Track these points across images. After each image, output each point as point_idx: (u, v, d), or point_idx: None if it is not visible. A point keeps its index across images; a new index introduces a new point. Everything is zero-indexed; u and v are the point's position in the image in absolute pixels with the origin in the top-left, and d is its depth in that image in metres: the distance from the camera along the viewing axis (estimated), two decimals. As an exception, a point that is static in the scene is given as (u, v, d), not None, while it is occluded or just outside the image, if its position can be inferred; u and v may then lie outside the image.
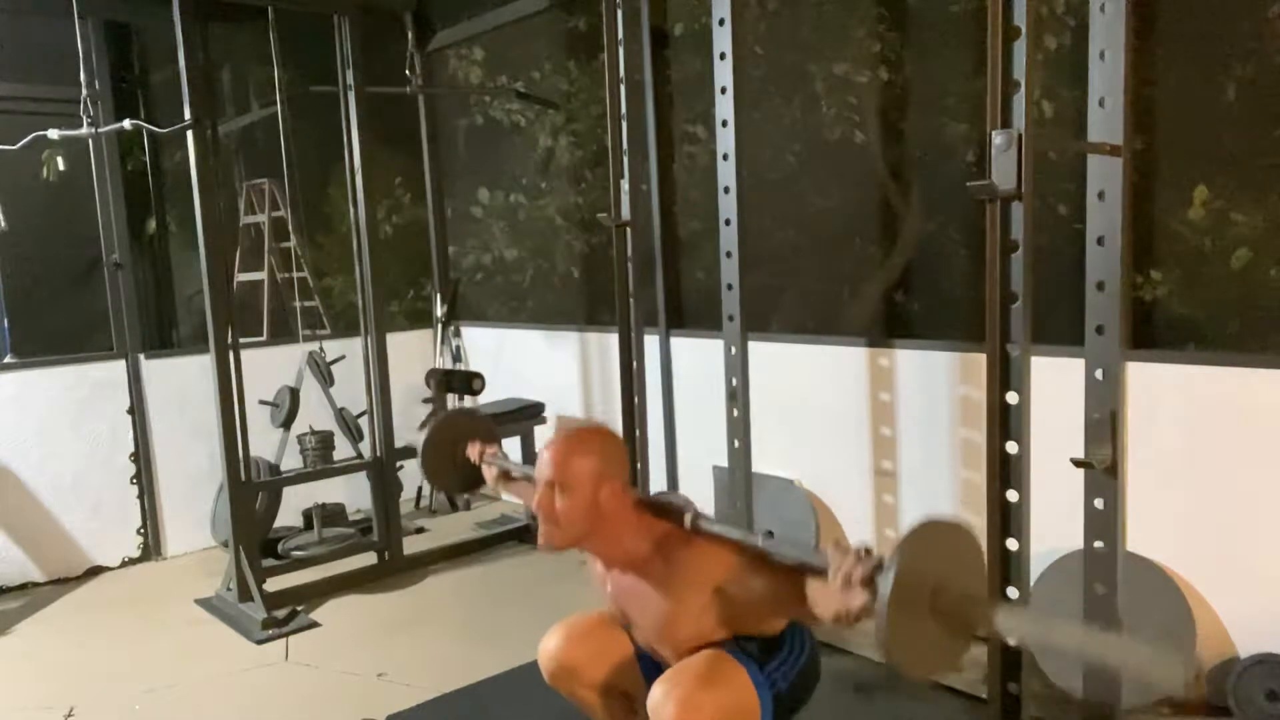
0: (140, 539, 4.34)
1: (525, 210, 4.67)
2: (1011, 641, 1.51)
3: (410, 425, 4.29)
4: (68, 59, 3.40)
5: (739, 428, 3.08)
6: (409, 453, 4.04)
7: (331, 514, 4.20)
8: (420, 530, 4.58)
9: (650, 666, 2.04)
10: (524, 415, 4.45)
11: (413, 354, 5.07)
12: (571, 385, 4.54)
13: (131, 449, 4.29)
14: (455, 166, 5.06)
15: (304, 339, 4.23)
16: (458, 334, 5.13)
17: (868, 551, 1.55)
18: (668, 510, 1.96)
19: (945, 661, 1.57)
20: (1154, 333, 2.58)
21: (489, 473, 2.59)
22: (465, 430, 2.67)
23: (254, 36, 4.13)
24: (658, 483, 3.83)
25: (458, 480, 2.70)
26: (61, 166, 3.44)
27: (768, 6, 3.40)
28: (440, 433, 2.65)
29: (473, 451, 2.60)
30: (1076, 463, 2.13)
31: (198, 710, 2.91)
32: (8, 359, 4.22)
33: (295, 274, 4.63)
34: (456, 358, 5.11)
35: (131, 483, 4.31)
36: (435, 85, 4.99)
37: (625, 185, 3.55)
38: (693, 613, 1.89)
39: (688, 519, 1.92)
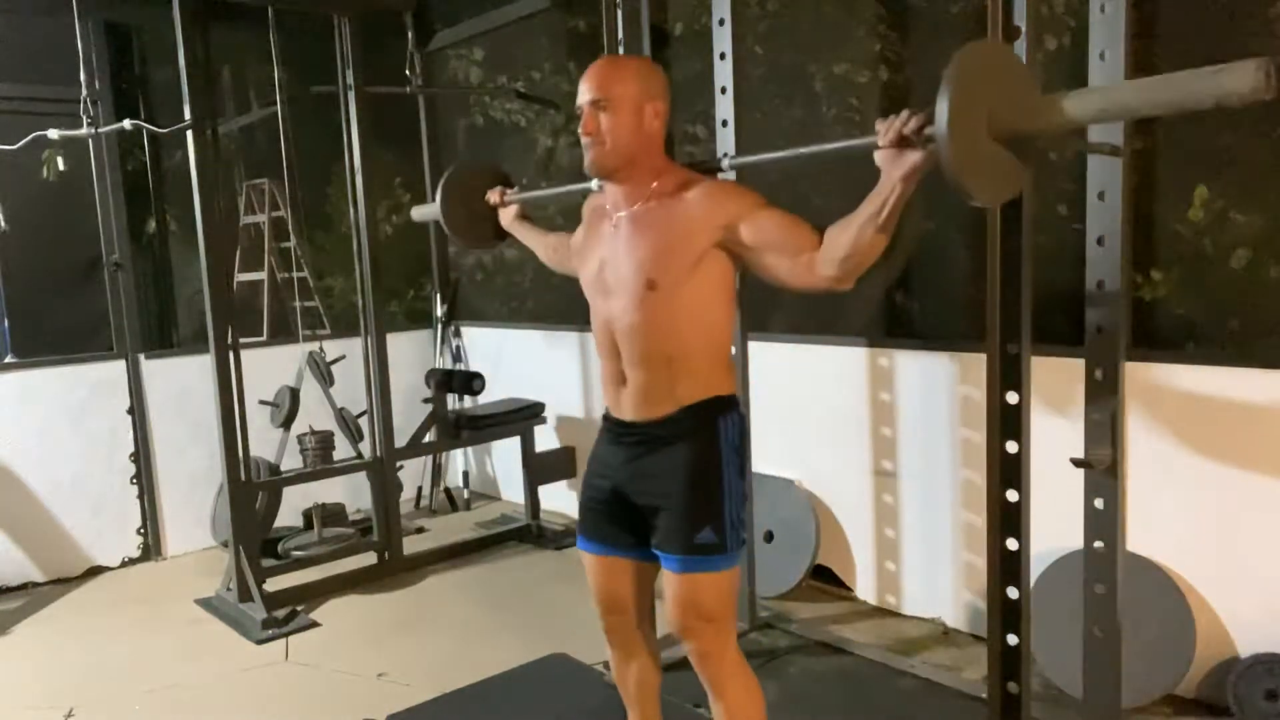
0: (140, 539, 4.34)
1: (525, 210, 4.66)
2: (1085, 120, 1.51)
3: (410, 425, 4.29)
4: (68, 59, 3.39)
5: (739, 428, 3.07)
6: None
7: (331, 514, 4.20)
8: (420, 530, 4.58)
9: (642, 549, 2.01)
10: (524, 415, 4.45)
11: (413, 354, 5.07)
12: (571, 385, 4.54)
13: (131, 449, 4.29)
14: (455, 166, 5.05)
15: (304, 339, 4.23)
16: (458, 334, 5.13)
17: (911, 112, 1.57)
18: (703, 163, 1.97)
19: (1015, 180, 1.60)
20: (1154, 333, 2.58)
21: (506, 214, 2.63)
22: (480, 179, 2.70)
23: (254, 36, 4.13)
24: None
25: (480, 232, 2.73)
26: (61, 166, 3.43)
27: (768, 6, 3.40)
28: (455, 184, 2.69)
29: (493, 195, 2.64)
30: (1076, 463, 2.12)
31: (197, 710, 2.91)
32: (8, 359, 4.22)
33: (295, 274, 4.63)
34: (456, 358, 5.11)
35: (131, 483, 4.31)
36: (435, 85, 4.99)
37: (625, 185, 3.54)
38: (689, 252, 1.84)
39: (725, 160, 1.91)
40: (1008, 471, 2.11)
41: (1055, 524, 2.34)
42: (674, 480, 1.90)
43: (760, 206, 1.85)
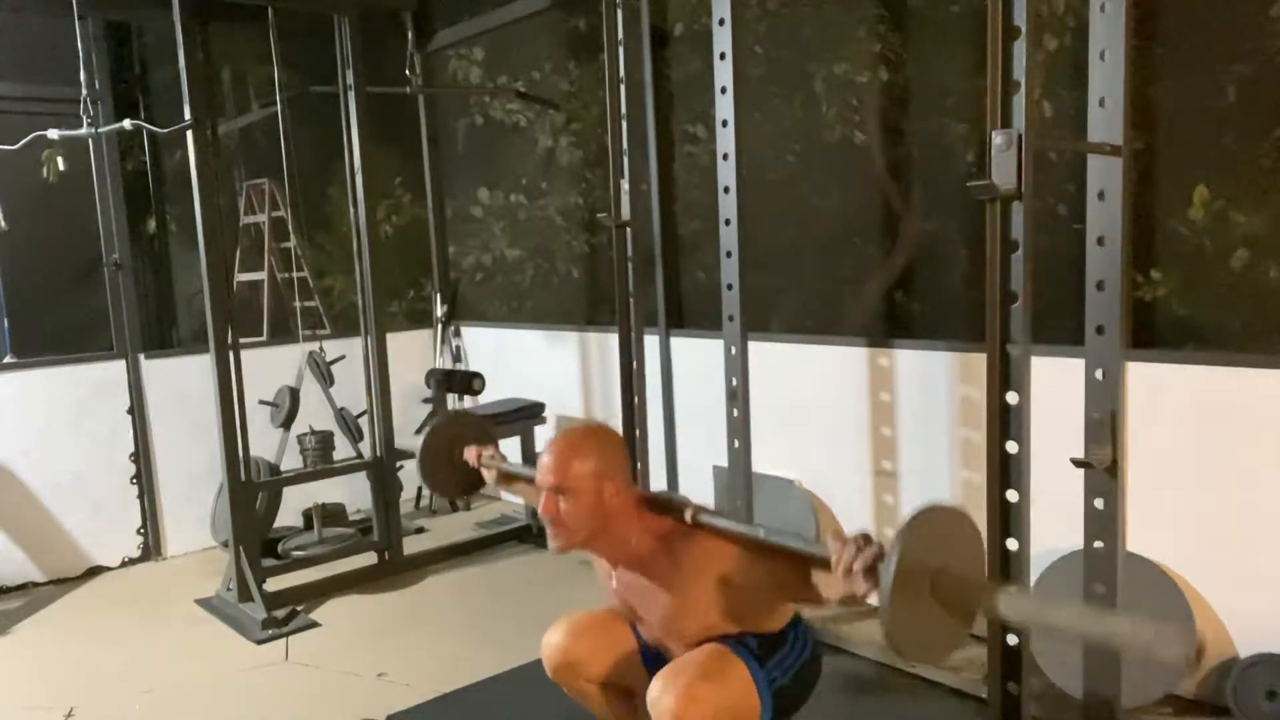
0: (140, 539, 4.34)
1: (525, 210, 4.67)
2: (1013, 624, 1.52)
3: (410, 425, 4.29)
4: (68, 59, 3.39)
5: (739, 428, 3.08)
6: (407, 455, 4.05)
7: (331, 514, 4.20)
8: (420, 530, 4.58)
9: (652, 660, 2.05)
10: (524, 415, 4.45)
11: (413, 354, 5.07)
12: (571, 385, 4.54)
13: (131, 449, 4.29)
14: (455, 166, 5.06)
15: (304, 339, 4.23)
16: (458, 334, 5.13)
17: (866, 539, 1.57)
18: (669, 505, 1.97)
19: (947, 644, 1.59)
20: (1154, 333, 2.58)
21: (488, 475, 2.60)
22: (461, 434, 2.68)
23: (254, 36, 4.13)
24: (658, 483, 3.83)
25: (457, 484, 2.71)
26: (61, 166, 3.44)
27: (768, 6, 3.40)
28: (437, 438, 2.66)
29: (470, 455, 2.60)
30: (1076, 463, 2.13)
31: (198, 710, 2.91)
32: (8, 359, 4.22)
33: (295, 274, 4.63)
34: (456, 358, 5.11)
35: (131, 483, 4.31)
36: (435, 85, 4.99)
37: (625, 185, 3.55)
38: (698, 605, 1.90)
39: (689, 514, 1.92)
40: (1008, 471, 2.11)
41: (1055, 524, 2.34)
42: None
43: (746, 559, 1.86)
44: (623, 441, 2.03)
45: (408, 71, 4.18)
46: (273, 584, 3.68)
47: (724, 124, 2.99)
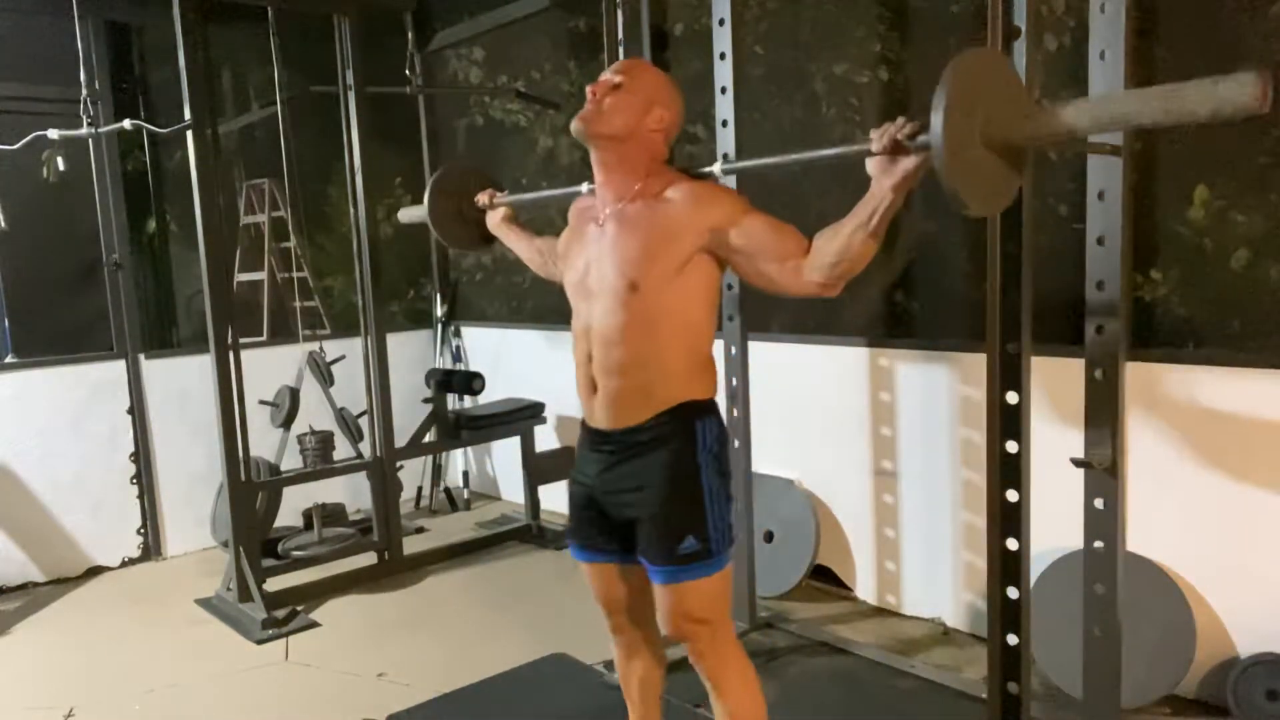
0: (140, 539, 4.34)
1: (526, 210, 4.66)
2: (1083, 129, 1.50)
3: (410, 425, 4.28)
4: (68, 59, 3.39)
5: (739, 428, 3.08)
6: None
7: (331, 514, 4.20)
8: (420, 530, 4.58)
9: (627, 554, 2.00)
10: (524, 415, 4.45)
11: (413, 354, 5.07)
12: (571, 385, 4.51)
13: (131, 449, 4.29)
14: (455, 166, 5.05)
15: (304, 339, 4.23)
16: (458, 334, 5.13)
17: (907, 119, 1.58)
18: (697, 172, 1.97)
19: (1009, 188, 1.61)
20: (1154, 333, 2.58)
21: (493, 217, 2.65)
22: (469, 181, 2.72)
23: (254, 36, 4.13)
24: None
25: (468, 235, 2.76)
26: (61, 166, 3.43)
27: (768, 6, 3.40)
28: (443, 185, 2.70)
29: (482, 196, 2.66)
30: (1076, 463, 2.12)
31: (198, 710, 2.91)
32: (8, 359, 4.22)
33: (295, 274, 4.63)
34: (456, 358, 5.11)
35: (131, 483, 4.31)
36: (435, 85, 4.99)
37: (625, 185, 3.54)
38: (672, 256, 1.83)
39: (717, 167, 1.94)
40: (1008, 471, 2.11)
41: (1055, 524, 2.34)
42: (651, 489, 1.88)
43: (748, 211, 1.85)
44: (683, 113, 2.00)
45: (408, 71, 4.18)
46: (273, 584, 3.68)
47: (724, 124, 2.99)
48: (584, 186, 2.14)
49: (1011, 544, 2.13)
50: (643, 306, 1.85)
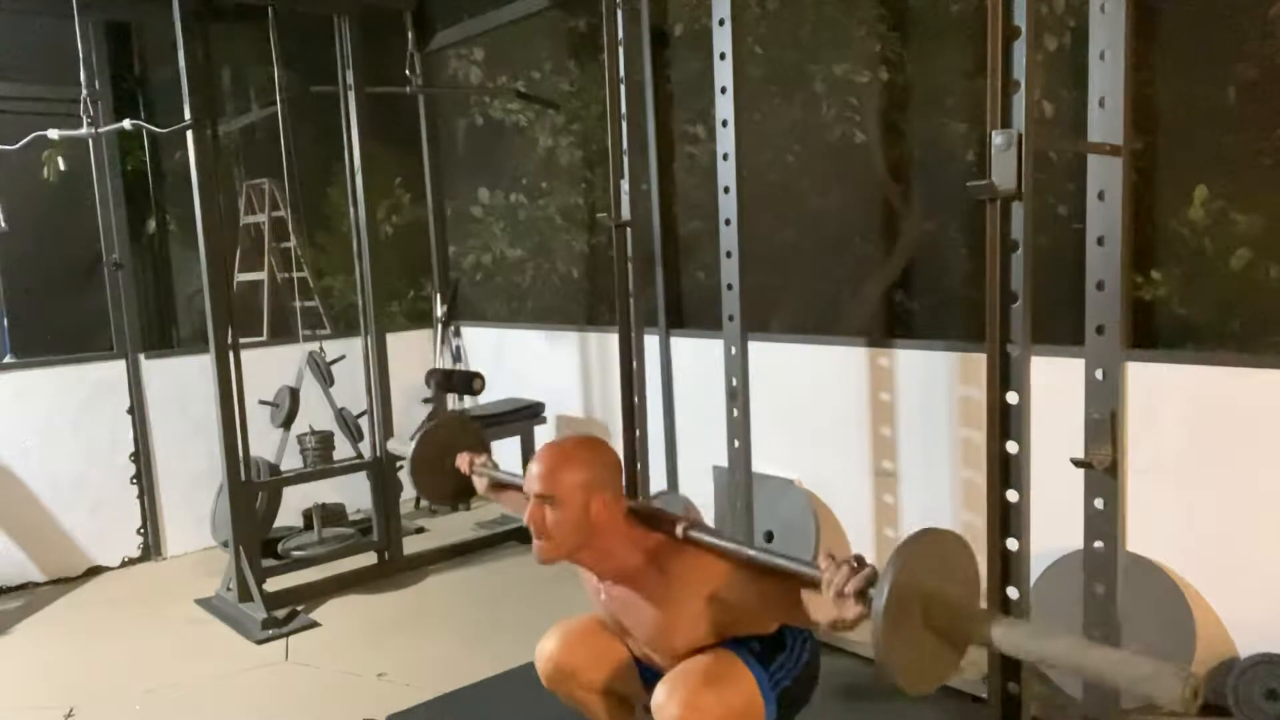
0: (140, 539, 4.34)
1: (525, 210, 4.67)
2: (1007, 654, 1.51)
3: (410, 425, 4.29)
4: (68, 59, 3.40)
5: (739, 428, 3.08)
6: (397, 458, 4.05)
7: (331, 514, 4.20)
8: (420, 530, 4.58)
9: (648, 669, 2.04)
10: (524, 415, 4.45)
11: (413, 354, 5.06)
12: (571, 385, 4.54)
13: (131, 449, 4.29)
14: (455, 166, 5.06)
15: (304, 339, 4.23)
16: (458, 334, 5.13)
17: (860, 562, 1.55)
18: (659, 519, 1.95)
19: (941, 672, 1.56)
20: (1154, 333, 2.58)
21: (479, 483, 2.60)
22: (453, 440, 2.68)
23: (254, 36, 4.13)
24: (658, 483, 3.83)
25: (449, 490, 2.71)
26: (61, 166, 3.44)
27: (768, 6, 3.40)
28: (428, 445, 2.66)
29: (462, 462, 2.61)
30: (1076, 463, 2.12)
31: (198, 710, 2.91)
32: (8, 359, 4.22)
33: (295, 274, 4.63)
34: (456, 358, 5.11)
35: (131, 483, 4.31)
36: (435, 85, 4.99)
37: (625, 185, 3.55)
38: (687, 620, 1.88)
39: (679, 529, 1.91)
40: (1008, 471, 2.11)
41: (1055, 524, 2.34)
42: None
43: (736, 577, 1.84)
44: (616, 457, 1.99)
45: (408, 71, 4.18)
46: (273, 584, 3.68)
47: (724, 124, 2.99)
48: None
49: (1011, 544, 2.13)
50: (686, 649, 1.91)
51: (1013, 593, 2.14)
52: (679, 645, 1.92)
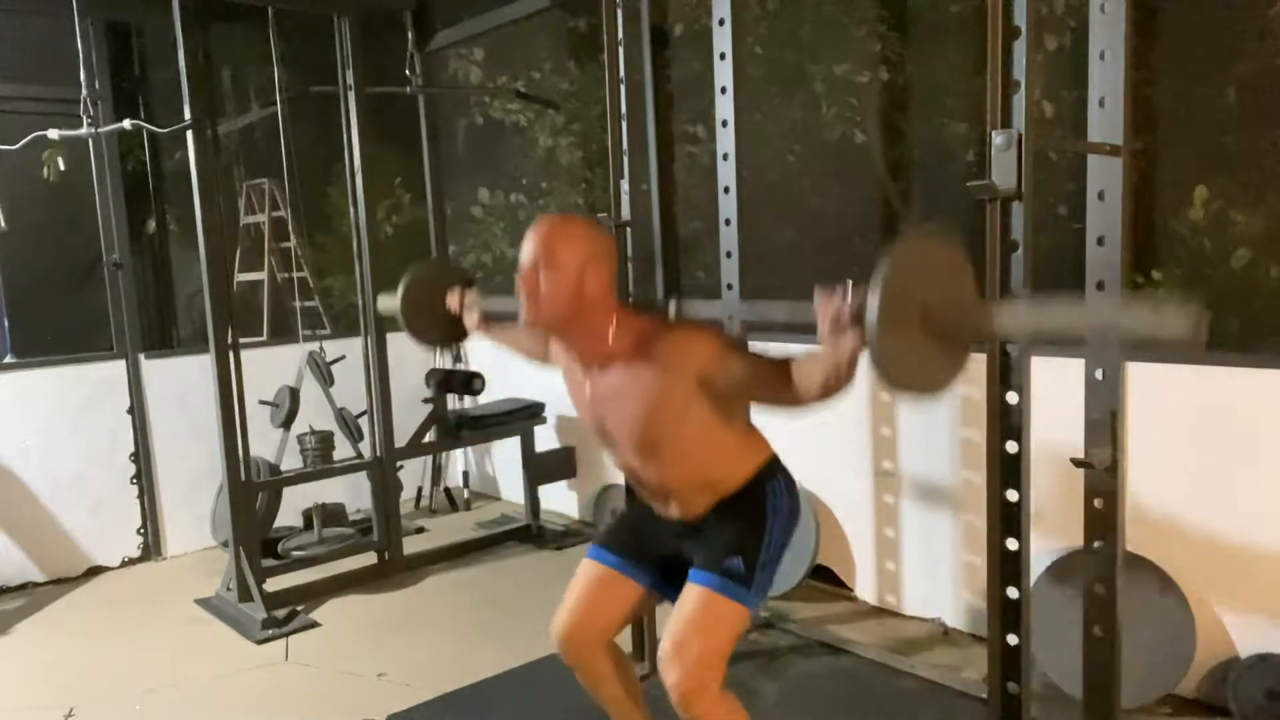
0: (140, 539, 4.34)
1: (526, 210, 4.67)
2: (1013, 336, 1.47)
3: (410, 425, 4.28)
4: (68, 59, 3.40)
5: (739, 428, 3.07)
6: (389, 317, 4.03)
7: (331, 514, 4.20)
8: (420, 530, 4.58)
9: (667, 586, 2.04)
10: (524, 415, 4.45)
11: (413, 354, 5.04)
12: (571, 385, 4.53)
13: (131, 449, 4.29)
14: (455, 166, 5.06)
15: (304, 339, 4.23)
16: (458, 334, 5.12)
17: (851, 290, 1.55)
18: (651, 305, 1.96)
19: (941, 378, 1.55)
20: (1154, 333, 2.57)
21: (470, 318, 2.59)
22: (441, 280, 2.68)
23: (254, 36, 4.13)
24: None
25: (442, 332, 2.72)
26: (61, 166, 3.44)
27: (768, 6, 3.40)
28: (416, 287, 2.66)
29: (452, 300, 2.61)
30: (1076, 463, 2.12)
31: (198, 710, 2.91)
32: (8, 359, 4.22)
33: (295, 274, 4.63)
34: (456, 358, 5.11)
35: (131, 483, 4.31)
36: (435, 85, 4.99)
37: (625, 185, 3.54)
38: (675, 405, 1.86)
39: (671, 307, 1.92)
40: (1008, 471, 2.11)
41: (1055, 524, 2.34)
42: (720, 537, 1.96)
43: (725, 353, 1.86)
44: (614, 243, 1.98)
45: (408, 71, 4.18)
46: (273, 584, 3.68)
47: (724, 124, 2.99)
48: None
49: (1011, 544, 2.13)
50: (669, 453, 1.91)
51: (1013, 592, 2.14)
52: (665, 441, 1.89)
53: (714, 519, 1.98)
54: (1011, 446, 2.10)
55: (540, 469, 4.43)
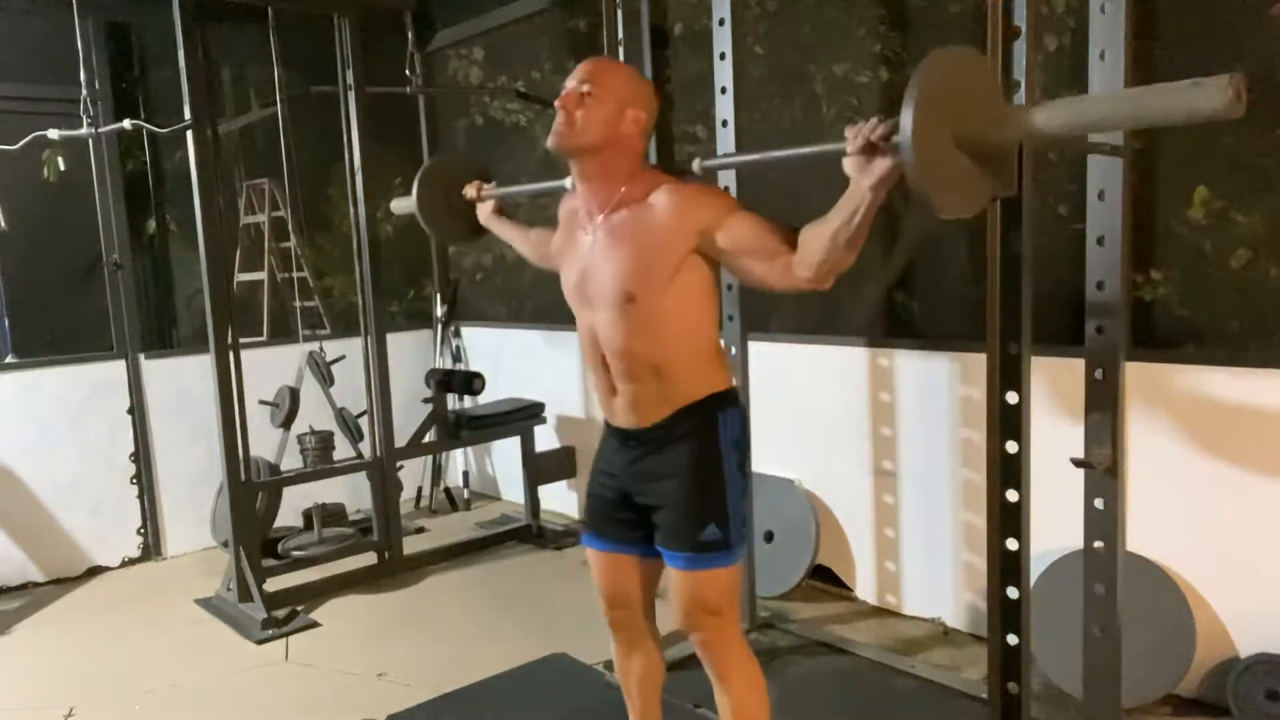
0: (140, 539, 4.34)
1: (526, 210, 4.67)
2: (1054, 132, 1.48)
3: (410, 425, 4.28)
4: (68, 59, 3.39)
5: (739, 428, 3.07)
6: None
7: (331, 514, 4.20)
8: (420, 530, 4.58)
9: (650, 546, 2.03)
10: (524, 415, 4.45)
11: (413, 354, 5.07)
12: (571, 385, 4.54)
13: (131, 449, 4.29)
14: (455, 166, 5.05)
15: (304, 339, 4.23)
16: (458, 334, 5.13)
17: (882, 119, 1.56)
18: (675, 167, 1.97)
19: (985, 190, 1.57)
20: (1154, 333, 2.58)
21: (484, 210, 2.61)
22: (458, 172, 2.68)
23: (254, 36, 4.13)
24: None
25: (459, 227, 2.73)
26: (61, 166, 3.43)
27: (768, 6, 3.40)
28: (432, 177, 2.67)
29: (470, 189, 2.62)
30: (1076, 463, 2.12)
31: (198, 710, 2.91)
32: (8, 359, 4.22)
33: (295, 274, 4.63)
34: (456, 358, 5.11)
35: (131, 483, 4.31)
36: (435, 85, 4.99)
37: (625, 185, 3.54)
38: (665, 262, 1.83)
39: (696, 164, 1.92)
40: (1008, 471, 2.11)
41: (1055, 524, 2.34)
42: (676, 480, 1.91)
43: (733, 210, 1.85)
44: (657, 98, 1.97)
45: (408, 71, 4.18)
46: (273, 584, 3.68)
47: (724, 124, 2.99)
48: (568, 181, 2.13)
49: (1011, 544, 2.13)
50: (643, 316, 1.86)
51: (1013, 592, 2.14)
52: (647, 289, 1.84)
53: (666, 444, 1.92)
54: (1011, 446, 2.10)
55: (540, 469, 4.43)
